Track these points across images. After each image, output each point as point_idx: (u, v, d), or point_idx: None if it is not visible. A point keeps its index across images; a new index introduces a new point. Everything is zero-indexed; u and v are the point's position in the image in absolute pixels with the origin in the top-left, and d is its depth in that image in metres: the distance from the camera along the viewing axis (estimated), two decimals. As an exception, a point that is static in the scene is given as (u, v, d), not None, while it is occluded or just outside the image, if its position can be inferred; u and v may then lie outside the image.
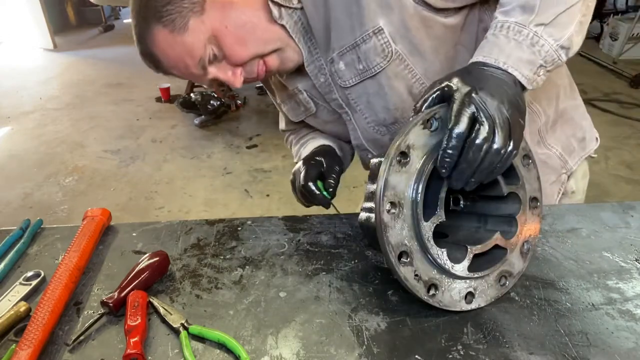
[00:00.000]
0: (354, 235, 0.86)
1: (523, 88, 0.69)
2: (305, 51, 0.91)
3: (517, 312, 0.68)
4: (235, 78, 0.85)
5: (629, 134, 3.53)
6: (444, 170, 0.63)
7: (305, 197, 0.96)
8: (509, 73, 0.68)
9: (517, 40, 0.69)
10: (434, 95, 0.68)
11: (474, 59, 0.71)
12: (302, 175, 0.95)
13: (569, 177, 1.05)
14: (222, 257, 0.82)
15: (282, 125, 1.22)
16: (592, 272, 0.76)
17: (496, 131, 0.61)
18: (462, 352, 0.62)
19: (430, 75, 0.87)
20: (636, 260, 0.79)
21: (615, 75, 4.50)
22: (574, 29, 0.71)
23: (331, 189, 0.94)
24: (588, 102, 3.88)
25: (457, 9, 0.82)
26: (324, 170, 0.97)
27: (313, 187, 0.92)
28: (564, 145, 1.02)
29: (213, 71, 0.83)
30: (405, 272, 0.64)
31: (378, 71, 0.87)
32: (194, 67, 0.82)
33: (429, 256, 0.65)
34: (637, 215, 0.90)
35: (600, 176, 3.02)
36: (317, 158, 0.99)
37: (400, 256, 0.64)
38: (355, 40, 0.84)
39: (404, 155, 0.64)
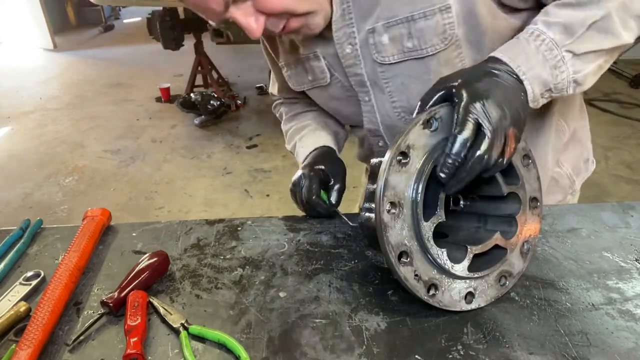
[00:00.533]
0: (354, 235, 0.86)
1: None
2: (338, 12, 0.80)
3: (517, 312, 0.68)
4: (256, 26, 0.74)
5: (629, 134, 3.54)
6: (443, 175, 0.62)
7: (309, 210, 0.90)
8: (521, 83, 0.67)
9: (545, 57, 0.69)
10: (440, 94, 0.66)
11: (498, 54, 0.70)
12: (304, 189, 0.89)
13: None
14: (222, 257, 0.82)
15: (273, 89, 1.12)
16: (592, 272, 0.76)
17: (495, 144, 0.60)
18: (462, 352, 0.62)
19: None
20: (636, 260, 0.79)
21: (615, 75, 4.51)
22: (593, 68, 0.72)
23: (334, 199, 0.89)
24: (588, 102, 3.88)
25: (518, 10, 0.78)
26: (326, 178, 0.91)
27: (317, 201, 0.88)
28: (574, 165, 1.02)
29: (234, 12, 0.73)
30: (405, 272, 0.64)
31: (430, 54, 0.78)
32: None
33: (429, 256, 0.65)
34: (637, 215, 0.90)
35: (600, 176, 3.02)
36: (317, 167, 0.92)
37: (400, 256, 0.64)
38: (413, 13, 0.75)
39: (404, 155, 0.64)
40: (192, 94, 4.15)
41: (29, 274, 0.77)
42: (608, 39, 0.70)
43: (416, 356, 0.62)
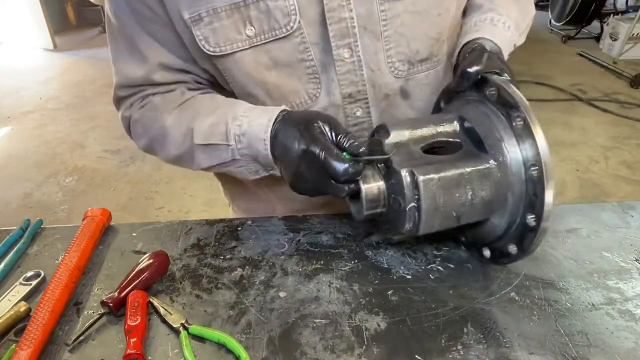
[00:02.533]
0: (354, 235, 0.86)
1: None
2: None
3: (517, 312, 0.68)
4: None
5: (629, 134, 3.53)
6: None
7: (337, 187, 0.65)
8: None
9: (510, 38, 0.80)
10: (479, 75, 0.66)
11: (514, 43, 0.78)
12: (326, 155, 0.62)
13: None
14: (222, 257, 0.81)
15: (129, 76, 0.77)
16: (592, 272, 0.76)
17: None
18: (462, 352, 0.62)
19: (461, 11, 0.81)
20: (636, 260, 0.79)
21: (615, 75, 4.50)
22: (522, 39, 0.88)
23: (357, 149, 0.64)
24: (588, 102, 3.88)
25: None
26: (333, 133, 0.66)
27: (356, 162, 0.63)
28: None
29: None
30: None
31: None
32: None
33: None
34: (637, 215, 0.90)
35: (600, 176, 3.02)
36: (310, 126, 0.65)
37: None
38: None
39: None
40: (192, 94, 4.14)
41: (29, 274, 0.77)
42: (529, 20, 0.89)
43: (416, 356, 0.62)
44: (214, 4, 0.66)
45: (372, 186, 0.67)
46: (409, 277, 0.75)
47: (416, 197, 0.63)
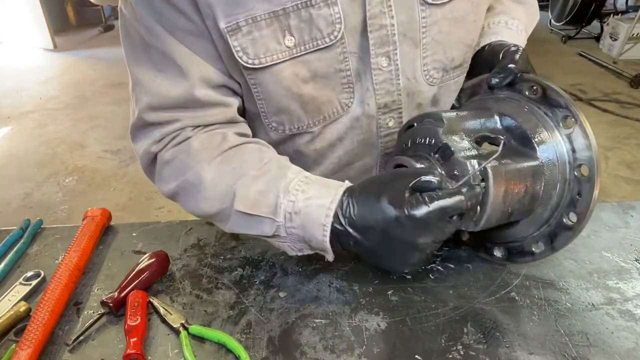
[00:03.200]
0: (354, 235, 0.86)
1: None
2: None
3: (517, 312, 0.68)
4: None
5: (629, 134, 3.53)
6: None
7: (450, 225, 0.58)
8: None
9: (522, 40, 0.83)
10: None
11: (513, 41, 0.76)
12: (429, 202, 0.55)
13: None
14: (222, 257, 0.81)
15: (175, 88, 0.65)
16: (592, 272, 0.76)
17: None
18: (462, 352, 0.62)
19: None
20: (636, 260, 0.79)
21: (615, 75, 4.50)
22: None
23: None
24: (588, 102, 3.88)
25: None
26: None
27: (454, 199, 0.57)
28: None
29: None
30: None
31: None
32: None
33: None
34: (637, 215, 0.90)
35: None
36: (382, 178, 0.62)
37: None
38: None
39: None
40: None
41: (29, 274, 0.77)
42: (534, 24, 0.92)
43: (416, 356, 0.62)
44: (253, 12, 0.61)
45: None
46: (409, 277, 0.75)
47: (483, 189, 0.60)
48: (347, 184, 0.64)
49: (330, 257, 0.65)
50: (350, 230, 0.60)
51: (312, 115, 0.72)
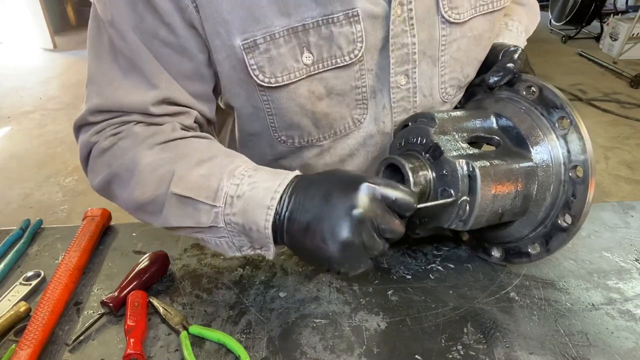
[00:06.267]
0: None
1: None
2: None
3: (517, 312, 0.68)
4: None
5: (629, 134, 3.53)
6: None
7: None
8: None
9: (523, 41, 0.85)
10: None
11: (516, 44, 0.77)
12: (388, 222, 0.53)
13: None
14: (222, 257, 0.81)
15: (133, 97, 0.61)
16: (592, 272, 0.76)
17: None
18: (462, 352, 0.62)
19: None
20: (636, 260, 0.79)
21: (615, 75, 4.50)
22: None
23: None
24: (588, 102, 3.88)
25: None
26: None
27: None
28: None
29: None
30: None
31: (498, 8, 0.69)
32: None
33: None
34: (637, 215, 0.90)
35: (600, 176, 3.02)
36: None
37: None
38: None
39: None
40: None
41: (29, 274, 0.77)
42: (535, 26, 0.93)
43: (416, 356, 0.62)
44: (271, 29, 0.58)
45: (420, 177, 0.63)
46: (409, 277, 0.75)
47: (471, 189, 0.60)
48: (297, 173, 0.59)
49: (270, 253, 0.59)
50: (292, 215, 0.54)
51: (324, 130, 0.71)
